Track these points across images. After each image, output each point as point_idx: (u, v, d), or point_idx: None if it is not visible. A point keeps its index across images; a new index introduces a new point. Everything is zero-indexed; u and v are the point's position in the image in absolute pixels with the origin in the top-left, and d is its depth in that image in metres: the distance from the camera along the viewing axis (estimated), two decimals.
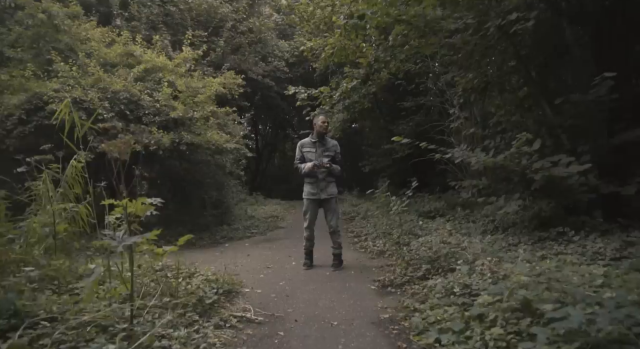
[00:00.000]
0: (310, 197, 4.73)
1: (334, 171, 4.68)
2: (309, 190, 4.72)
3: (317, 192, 4.67)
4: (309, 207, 4.75)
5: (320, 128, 4.71)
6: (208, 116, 7.08)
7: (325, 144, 4.73)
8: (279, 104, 16.48)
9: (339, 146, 4.88)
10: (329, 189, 4.70)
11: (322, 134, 4.72)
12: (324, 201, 4.71)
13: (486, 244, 4.69)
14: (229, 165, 9.32)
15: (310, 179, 4.71)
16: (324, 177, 4.67)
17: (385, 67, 8.00)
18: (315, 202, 4.73)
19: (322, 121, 4.75)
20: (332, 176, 4.74)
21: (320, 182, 4.64)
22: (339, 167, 4.78)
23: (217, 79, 8.08)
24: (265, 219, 9.33)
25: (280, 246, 6.30)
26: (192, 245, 6.76)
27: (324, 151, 4.69)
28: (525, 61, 5.93)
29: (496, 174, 5.76)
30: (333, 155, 4.74)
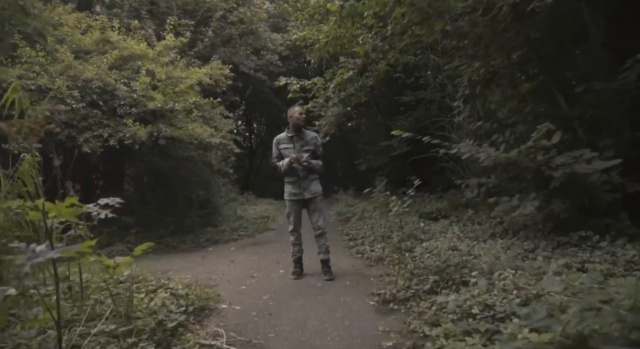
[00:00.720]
0: (292, 198, 4.21)
1: (314, 167, 4.17)
2: (291, 190, 4.21)
3: (299, 192, 4.16)
4: (292, 209, 4.23)
5: (296, 121, 4.20)
6: (191, 108, 6.48)
7: (304, 138, 4.21)
8: (271, 99, 15.90)
9: (319, 138, 4.37)
10: (313, 187, 4.19)
11: (299, 127, 4.20)
12: (308, 200, 4.20)
13: (499, 249, 4.16)
14: (216, 162, 8.74)
15: (290, 177, 4.20)
16: (305, 175, 4.16)
17: (383, 58, 7.46)
18: (299, 203, 4.22)
19: (299, 112, 4.20)
20: (313, 172, 4.23)
21: (302, 181, 4.14)
22: (320, 162, 4.27)
23: (203, 70, 7.48)
24: (255, 220, 8.75)
25: (269, 251, 5.73)
26: (172, 249, 6.21)
27: (302, 146, 4.17)
28: (537, 48, 5.43)
29: (507, 171, 5.22)
30: (313, 149, 4.21)
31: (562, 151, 4.13)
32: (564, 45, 5.41)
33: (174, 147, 6.25)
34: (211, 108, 7.54)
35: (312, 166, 4.13)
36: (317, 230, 4.25)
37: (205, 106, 7.30)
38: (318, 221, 4.24)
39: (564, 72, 5.60)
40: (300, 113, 4.22)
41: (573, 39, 5.25)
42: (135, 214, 6.81)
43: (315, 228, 4.25)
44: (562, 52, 5.51)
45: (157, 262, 5.22)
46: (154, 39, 8.71)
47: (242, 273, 4.41)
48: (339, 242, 6.07)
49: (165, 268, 4.77)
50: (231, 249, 5.98)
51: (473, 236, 5.13)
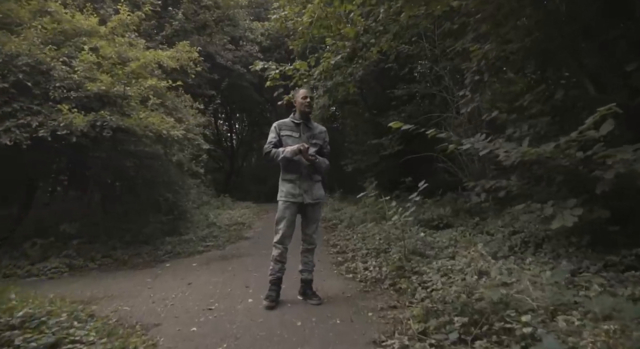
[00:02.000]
0: (289, 200, 3.27)
1: (320, 166, 3.31)
2: (289, 190, 3.29)
3: (300, 194, 3.26)
4: (286, 214, 3.27)
5: (302, 106, 3.34)
6: (148, 95, 5.38)
7: (312, 129, 3.40)
8: (252, 95, 14.79)
9: (326, 134, 3.50)
10: (316, 191, 3.34)
11: (307, 115, 3.39)
12: (308, 206, 3.31)
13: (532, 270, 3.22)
14: (185, 161, 7.63)
15: (289, 174, 3.30)
16: (308, 173, 3.28)
17: (375, 43, 6.49)
18: (296, 207, 3.29)
19: (302, 95, 3.37)
20: (318, 172, 3.36)
21: (304, 181, 3.29)
22: (327, 162, 3.40)
23: (167, 52, 6.39)
24: (228, 227, 7.66)
25: (238, 268, 4.67)
26: (122, 265, 5.10)
27: (310, 138, 3.33)
28: (561, 27, 4.58)
29: (532, 171, 4.30)
30: (321, 144, 3.41)
31: None
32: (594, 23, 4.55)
33: (128, 141, 5.13)
34: (176, 97, 6.43)
35: (318, 164, 3.27)
36: (308, 244, 3.39)
37: (168, 94, 6.20)
38: (312, 234, 3.38)
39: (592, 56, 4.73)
40: (305, 96, 3.36)
41: (608, 14, 4.39)
42: (80, 221, 5.66)
43: (307, 242, 3.38)
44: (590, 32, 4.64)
45: (94, 284, 4.11)
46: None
47: (199, 302, 3.35)
48: (325, 257, 5.05)
49: (99, 294, 3.68)
50: (193, 265, 4.89)
51: (489, 251, 4.18)
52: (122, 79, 4.90)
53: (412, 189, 9.14)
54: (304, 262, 3.40)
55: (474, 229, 5.66)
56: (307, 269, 3.38)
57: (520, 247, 4.40)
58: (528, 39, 4.65)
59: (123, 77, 4.90)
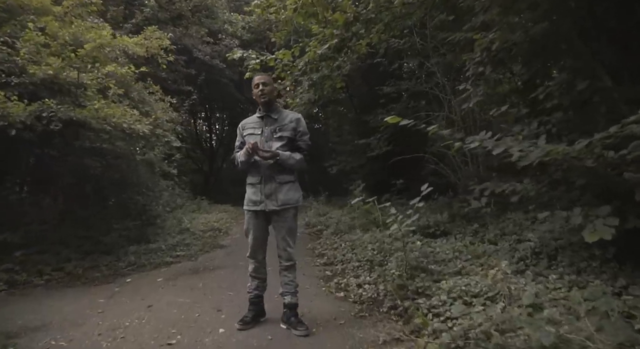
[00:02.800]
0: (250, 208, 2.80)
1: (286, 163, 2.70)
2: (250, 196, 2.82)
3: (260, 200, 2.75)
4: (251, 225, 2.83)
5: (256, 96, 2.82)
6: (107, 84, 4.68)
7: (279, 121, 2.81)
8: (232, 93, 14.05)
9: (302, 122, 2.89)
10: (282, 195, 2.74)
11: (269, 104, 2.81)
12: (273, 214, 2.76)
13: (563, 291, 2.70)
14: (157, 160, 6.92)
15: (251, 177, 2.83)
16: (271, 174, 2.72)
17: (365, 33, 5.93)
18: (259, 216, 2.80)
19: (254, 83, 2.82)
20: (286, 171, 2.75)
21: (266, 184, 2.74)
22: (297, 157, 2.76)
23: (134, 39, 5.69)
24: (203, 234, 6.96)
25: (211, 284, 4.02)
26: (75, 280, 4.40)
27: (274, 131, 2.78)
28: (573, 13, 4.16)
29: (549, 174, 3.80)
30: (291, 137, 2.79)
31: None
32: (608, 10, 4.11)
33: (83, 136, 4.42)
34: (144, 88, 5.73)
35: (281, 161, 2.68)
36: (285, 261, 2.78)
37: (135, 85, 5.50)
38: (286, 248, 2.76)
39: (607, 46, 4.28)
40: (256, 84, 2.79)
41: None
42: (26, 229, 4.90)
43: (283, 258, 2.78)
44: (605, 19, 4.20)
45: (32, 306, 3.40)
46: None
47: (157, 333, 2.70)
48: (311, 269, 4.45)
49: (34, 322, 2.99)
50: (157, 281, 4.21)
51: (495, 264, 3.65)
52: (74, 63, 4.19)
53: (402, 192, 8.67)
54: (283, 283, 2.81)
55: (473, 236, 5.16)
56: (289, 291, 2.79)
57: (532, 259, 3.91)
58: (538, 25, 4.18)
59: (76, 61, 4.19)
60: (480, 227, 5.42)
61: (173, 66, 10.75)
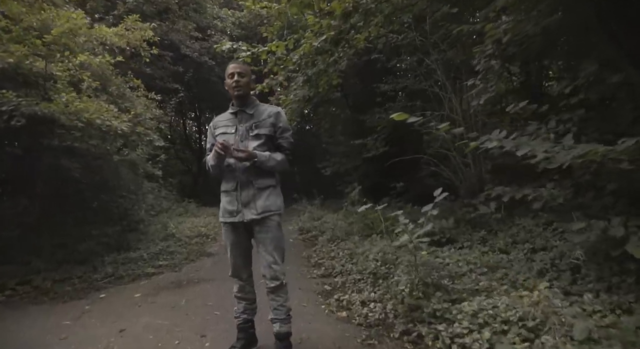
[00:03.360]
0: (227, 220, 2.37)
1: (265, 164, 2.27)
2: (225, 206, 2.38)
3: (237, 210, 2.31)
4: (229, 239, 2.42)
5: (231, 87, 2.36)
6: (80, 76, 4.21)
7: (255, 116, 2.38)
8: (222, 91, 13.50)
9: (283, 116, 2.45)
10: (260, 201, 2.30)
11: (243, 97, 2.37)
12: (254, 225, 2.32)
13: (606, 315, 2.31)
14: (137, 158, 6.42)
15: (225, 183, 2.40)
16: (248, 178, 2.29)
17: (364, 26, 5.54)
18: (238, 228, 2.37)
19: (228, 72, 2.38)
20: (266, 174, 2.31)
21: (243, 189, 2.31)
22: (279, 156, 2.34)
23: (114, 29, 5.21)
24: (189, 240, 6.48)
25: (195, 300, 3.57)
26: (42, 296, 3.93)
27: (250, 128, 2.34)
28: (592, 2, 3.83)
29: (573, 177, 3.43)
30: (269, 134, 2.36)
31: None
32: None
33: (52, 133, 3.94)
34: (123, 83, 5.25)
35: (260, 162, 2.24)
36: (270, 280, 2.30)
37: (114, 79, 5.02)
38: (271, 264, 2.28)
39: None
40: (231, 74, 2.35)
41: None
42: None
43: (267, 277, 2.30)
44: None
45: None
46: None
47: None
48: (307, 282, 4.02)
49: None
50: (135, 297, 3.74)
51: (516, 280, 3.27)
52: (40, 50, 3.71)
53: (402, 194, 8.29)
54: (272, 308, 2.35)
55: (482, 244, 4.78)
56: (278, 318, 2.32)
57: (552, 271, 3.54)
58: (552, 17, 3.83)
59: (42, 49, 3.70)
60: (488, 234, 5.05)
61: (159, 63, 10.28)
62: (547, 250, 4.16)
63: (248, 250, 2.43)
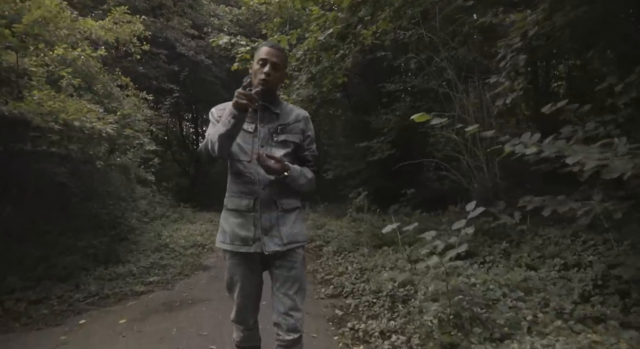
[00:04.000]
0: (237, 249, 1.74)
1: (296, 181, 1.74)
2: (235, 229, 1.74)
3: (254, 237, 1.72)
4: (238, 275, 1.79)
5: (258, 76, 1.70)
6: (59, 72, 3.75)
7: (281, 117, 1.81)
8: (219, 92, 13.08)
9: (310, 122, 1.90)
10: (287, 228, 1.76)
11: (270, 91, 1.74)
12: (274, 258, 1.77)
13: None
14: (128, 162, 5.97)
15: (238, 196, 1.76)
16: (272, 196, 1.73)
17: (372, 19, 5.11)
18: (251, 261, 1.78)
19: (261, 57, 1.72)
20: (293, 193, 1.81)
21: (264, 210, 1.72)
22: (309, 174, 1.82)
23: (100, 22, 4.76)
24: (184, 251, 6.01)
25: (187, 329, 3.11)
26: (13, 322, 3.45)
27: (275, 132, 1.78)
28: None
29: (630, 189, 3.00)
30: (298, 142, 1.83)
31: None
32: None
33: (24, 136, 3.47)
34: (111, 81, 4.80)
35: (291, 179, 1.70)
36: (282, 332, 1.73)
37: (100, 76, 4.56)
38: (290, 311, 1.74)
39: None
40: (265, 61, 1.70)
41: None
42: None
43: (283, 328, 1.73)
44: None
45: None
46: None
47: None
48: (315, 304, 3.56)
49: None
50: (119, 324, 3.28)
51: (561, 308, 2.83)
52: (10, 42, 3.24)
53: (410, 200, 7.84)
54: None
55: (505, 259, 4.35)
56: None
57: (596, 294, 3.11)
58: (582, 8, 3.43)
59: (12, 41, 3.24)
60: (511, 247, 4.62)
61: (154, 62, 9.84)
62: (581, 267, 3.75)
63: (260, 288, 1.87)
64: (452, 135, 6.92)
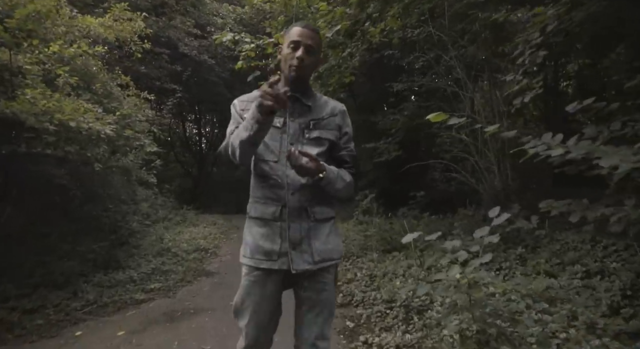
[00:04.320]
0: (259, 264, 1.46)
1: (333, 185, 1.46)
2: (258, 241, 1.47)
3: (279, 250, 1.44)
4: (254, 295, 1.49)
5: (289, 61, 1.44)
6: (55, 70, 3.58)
7: (314, 111, 1.55)
8: (222, 92, 12.90)
9: (347, 117, 1.65)
10: (321, 243, 1.49)
11: (302, 80, 1.50)
12: (301, 278, 1.49)
13: None
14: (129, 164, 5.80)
15: (262, 203, 1.49)
16: (302, 203, 1.45)
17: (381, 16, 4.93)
18: (272, 280, 1.48)
19: (293, 39, 1.44)
20: (326, 200, 1.52)
21: (292, 220, 1.43)
22: (347, 176, 1.55)
23: (100, 19, 4.60)
24: (186, 256, 5.83)
25: (188, 342, 2.93)
26: (5, 333, 3.26)
27: (307, 127, 1.52)
28: None
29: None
30: (334, 140, 1.56)
31: None
32: None
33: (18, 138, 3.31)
34: (111, 80, 4.63)
35: (327, 181, 1.44)
36: None
37: (100, 75, 4.40)
38: (316, 342, 1.50)
39: None
40: (297, 43, 1.45)
41: None
42: None
43: None
44: None
45: None
46: None
47: None
48: None
49: None
50: (117, 336, 3.11)
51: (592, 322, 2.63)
52: (3, 38, 3.08)
53: (419, 204, 7.64)
54: None
55: (522, 265, 4.16)
56: None
57: (624, 305, 2.92)
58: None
59: (4, 36, 3.07)
60: (527, 253, 4.44)
61: (156, 62, 9.69)
62: (605, 275, 3.55)
63: (277, 318, 1.58)
64: (462, 135, 6.74)
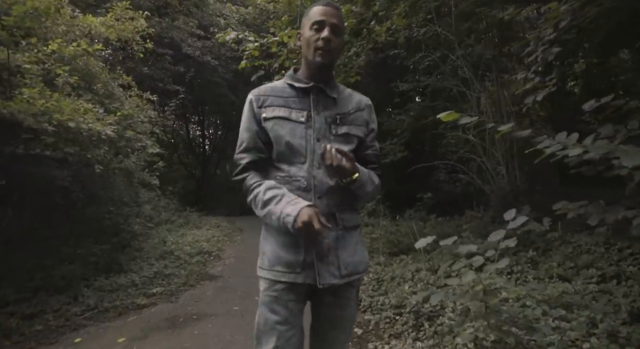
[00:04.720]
0: (280, 278, 1.25)
1: (363, 187, 1.29)
2: (279, 252, 1.26)
3: (302, 261, 1.23)
4: (277, 313, 1.25)
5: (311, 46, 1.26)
6: (56, 69, 3.50)
7: (340, 104, 1.35)
8: (225, 94, 12.85)
9: (373, 112, 1.46)
10: (347, 254, 1.29)
11: (327, 68, 1.32)
12: (325, 293, 1.30)
13: None
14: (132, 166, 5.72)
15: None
16: (329, 209, 1.25)
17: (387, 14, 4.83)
18: (295, 295, 1.27)
19: (316, 19, 1.25)
20: (353, 206, 1.37)
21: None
22: (376, 178, 1.39)
23: (101, 18, 4.52)
24: (189, 259, 5.74)
25: (191, 348, 2.83)
26: (3, 339, 3.16)
27: (334, 122, 1.31)
28: None
29: None
30: (362, 137, 1.37)
31: None
32: None
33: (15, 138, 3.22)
34: (112, 80, 4.55)
35: (359, 184, 1.27)
36: None
37: (101, 75, 4.32)
38: None
39: None
40: (321, 23, 1.25)
41: None
42: None
43: None
44: None
45: None
46: None
47: None
48: None
49: None
50: (117, 343, 3.01)
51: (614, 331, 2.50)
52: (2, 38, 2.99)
53: (426, 206, 7.53)
54: None
55: (534, 268, 4.04)
56: None
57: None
58: None
59: (2, 34, 2.99)
60: (539, 256, 4.32)
61: (159, 63, 9.63)
62: (622, 279, 3.44)
63: (301, 335, 1.32)
64: (469, 136, 6.63)
